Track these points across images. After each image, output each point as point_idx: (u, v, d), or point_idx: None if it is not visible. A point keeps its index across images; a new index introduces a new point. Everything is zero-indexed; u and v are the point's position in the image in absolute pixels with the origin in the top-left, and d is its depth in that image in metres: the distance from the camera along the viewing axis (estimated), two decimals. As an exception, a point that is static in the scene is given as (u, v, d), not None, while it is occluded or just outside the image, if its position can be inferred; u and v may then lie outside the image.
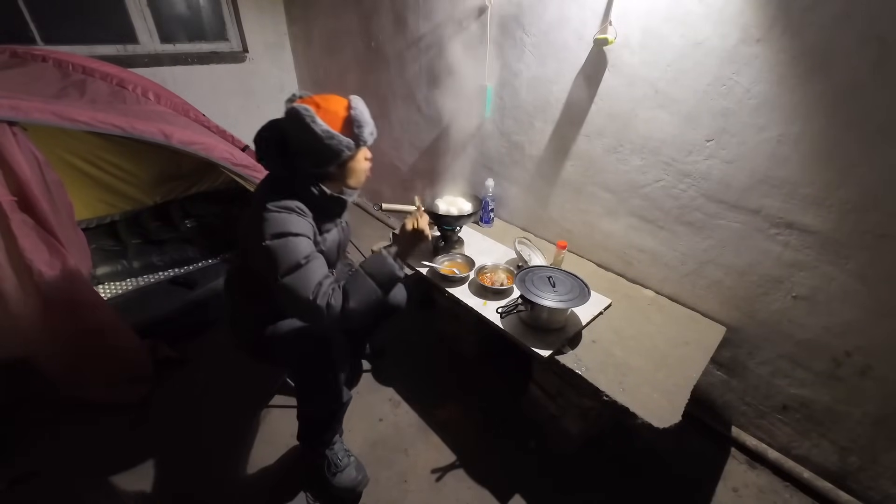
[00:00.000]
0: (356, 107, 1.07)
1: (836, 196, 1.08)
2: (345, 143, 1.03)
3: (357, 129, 1.06)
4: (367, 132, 1.08)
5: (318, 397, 1.26)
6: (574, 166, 1.67)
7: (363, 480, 1.34)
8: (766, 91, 1.11)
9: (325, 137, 1.00)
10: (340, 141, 1.03)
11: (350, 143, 1.05)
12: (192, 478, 1.39)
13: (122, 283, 2.10)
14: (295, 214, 1.06)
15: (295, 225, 1.04)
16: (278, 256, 1.00)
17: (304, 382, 1.26)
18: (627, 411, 1.09)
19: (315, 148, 1.02)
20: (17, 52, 1.77)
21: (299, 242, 1.03)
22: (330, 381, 1.22)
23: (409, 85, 2.30)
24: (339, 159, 1.07)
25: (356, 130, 1.06)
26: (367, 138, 1.09)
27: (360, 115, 1.06)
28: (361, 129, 1.07)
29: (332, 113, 1.04)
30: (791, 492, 1.38)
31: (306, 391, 1.27)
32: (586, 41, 1.43)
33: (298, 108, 1.01)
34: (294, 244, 1.02)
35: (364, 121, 1.07)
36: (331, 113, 1.04)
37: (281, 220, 1.02)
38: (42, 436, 1.50)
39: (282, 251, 1.00)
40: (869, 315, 1.13)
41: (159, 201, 2.62)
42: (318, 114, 1.01)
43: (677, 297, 1.53)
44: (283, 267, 0.99)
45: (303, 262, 1.01)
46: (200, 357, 1.82)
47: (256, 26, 3.00)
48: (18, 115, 1.29)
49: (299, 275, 1.00)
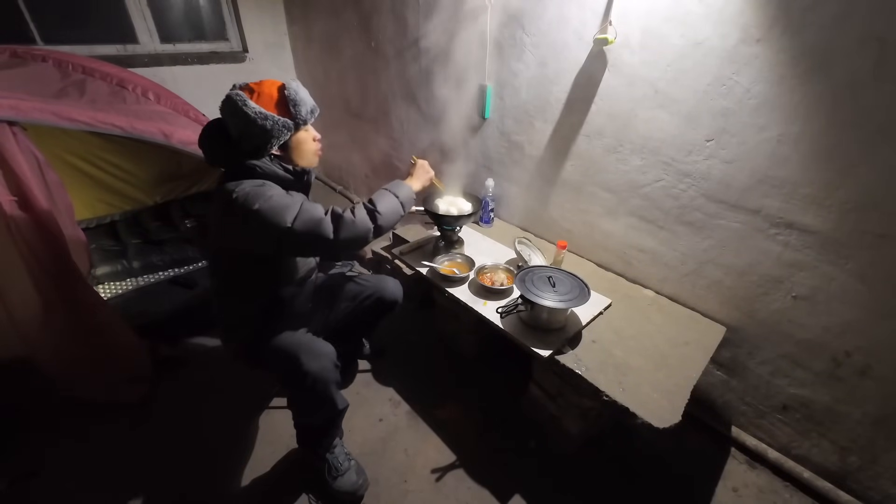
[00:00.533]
0: (290, 86, 1.07)
1: (836, 196, 1.08)
2: (280, 122, 1.04)
3: (293, 109, 1.06)
4: (305, 111, 1.08)
5: (310, 410, 1.24)
6: (574, 166, 1.67)
7: (363, 484, 1.33)
8: (766, 91, 1.11)
9: (258, 119, 1.01)
10: (276, 121, 1.03)
11: (287, 122, 1.05)
12: (192, 478, 1.39)
13: (122, 283, 2.10)
14: (267, 186, 1.06)
15: (273, 188, 1.06)
16: (275, 210, 1.00)
17: (295, 396, 1.24)
18: (627, 411, 1.09)
19: (252, 131, 1.03)
20: (17, 52, 1.77)
21: (285, 195, 1.05)
22: (319, 393, 1.18)
23: (409, 85, 2.30)
24: (279, 139, 1.07)
25: (292, 109, 1.06)
26: (304, 117, 1.09)
27: (295, 93, 1.06)
28: (297, 107, 1.07)
29: (265, 95, 1.04)
30: (791, 492, 1.38)
31: (298, 404, 1.25)
32: (586, 41, 1.43)
33: (230, 94, 1.03)
34: (282, 197, 1.04)
35: (299, 99, 1.07)
36: (264, 95, 1.04)
37: (258, 189, 1.03)
38: (42, 436, 1.50)
39: (276, 205, 1.01)
40: (869, 315, 1.13)
41: (159, 201, 2.62)
42: (252, 98, 1.02)
43: (677, 297, 1.53)
44: (288, 214, 1.01)
45: (304, 203, 1.04)
46: (200, 357, 1.82)
47: (256, 26, 3.00)
48: (18, 115, 1.30)
49: (305, 210, 1.03)
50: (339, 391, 1.26)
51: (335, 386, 1.21)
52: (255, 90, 1.05)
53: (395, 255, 1.77)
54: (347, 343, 1.77)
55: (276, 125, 1.04)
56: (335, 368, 1.20)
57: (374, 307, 1.55)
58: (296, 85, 1.09)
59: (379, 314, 1.60)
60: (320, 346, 1.21)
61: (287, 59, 3.28)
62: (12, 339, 1.40)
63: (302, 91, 1.09)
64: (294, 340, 1.20)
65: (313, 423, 1.29)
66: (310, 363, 1.13)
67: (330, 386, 1.19)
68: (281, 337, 1.21)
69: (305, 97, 1.09)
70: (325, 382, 1.17)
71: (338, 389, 1.24)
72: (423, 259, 1.65)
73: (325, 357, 1.18)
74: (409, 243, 1.81)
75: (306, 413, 1.27)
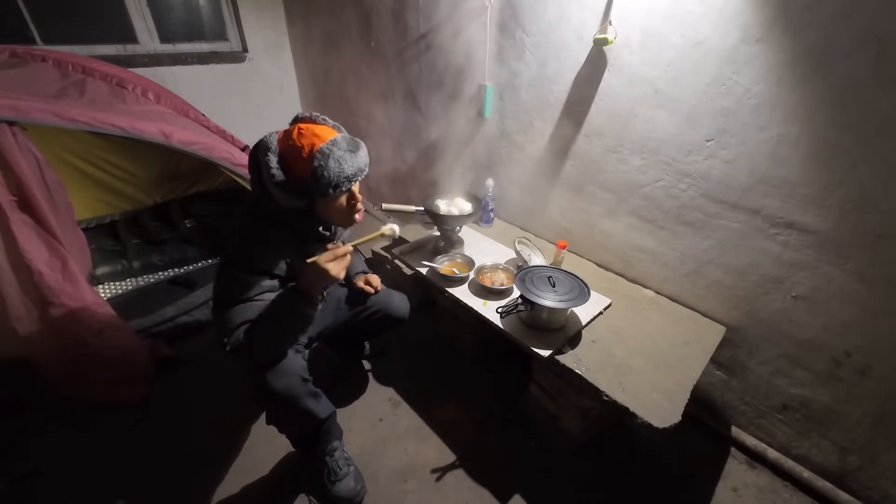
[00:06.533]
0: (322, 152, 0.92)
1: (836, 196, 1.08)
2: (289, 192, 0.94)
3: (314, 181, 0.93)
4: (327, 185, 0.94)
5: (286, 424, 1.23)
6: (574, 166, 1.67)
7: (361, 491, 1.30)
8: (765, 91, 1.11)
9: (273, 181, 0.93)
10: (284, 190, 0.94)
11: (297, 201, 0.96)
12: (192, 478, 1.39)
13: (122, 283, 2.10)
14: (267, 246, 1.03)
15: (258, 259, 1.02)
16: (223, 283, 1.02)
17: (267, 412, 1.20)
18: (627, 411, 1.09)
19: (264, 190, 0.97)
20: (17, 52, 1.77)
21: (249, 281, 1.01)
22: (290, 410, 1.12)
23: (409, 85, 2.30)
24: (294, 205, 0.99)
25: (314, 184, 0.93)
26: (324, 191, 0.95)
27: (322, 165, 0.92)
28: (319, 182, 0.93)
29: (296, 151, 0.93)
30: (791, 491, 1.38)
31: (273, 420, 1.21)
32: (586, 41, 1.43)
33: (263, 139, 0.95)
34: (244, 281, 1.00)
35: (323, 175, 0.92)
36: (295, 151, 0.93)
37: (247, 251, 1.02)
38: (42, 436, 1.50)
39: (229, 282, 1.01)
40: (869, 315, 1.13)
41: (159, 201, 2.62)
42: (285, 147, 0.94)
43: (677, 296, 1.53)
44: (222, 297, 1.01)
45: (237, 302, 1.00)
46: (200, 357, 1.82)
47: (256, 26, 3.00)
48: (18, 115, 1.30)
49: (229, 314, 1.00)
50: (321, 399, 1.21)
51: (309, 398, 1.15)
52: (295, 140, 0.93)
53: (395, 255, 1.77)
54: (349, 346, 1.78)
55: (284, 193, 0.95)
56: (303, 383, 1.13)
57: (380, 322, 1.51)
58: (330, 152, 0.92)
59: (384, 328, 1.56)
60: (287, 362, 1.09)
61: (287, 59, 3.28)
62: (12, 339, 1.40)
63: (334, 164, 0.93)
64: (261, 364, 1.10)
65: (297, 434, 1.28)
66: (274, 381, 1.06)
67: (301, 401, 1.12)
68: None
69: (335, 170, 0.93)
70: (294, 399, 1.11)
71: (317, 399, 1.19)
72: (423, 259, 1.65)
73: (290, 375, 1.09)
74: (409, 243, 1.81)
75: (284, 427, 1.25)
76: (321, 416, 1.21)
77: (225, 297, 1.01)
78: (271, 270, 1.03)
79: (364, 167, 1.02)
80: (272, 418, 1.21)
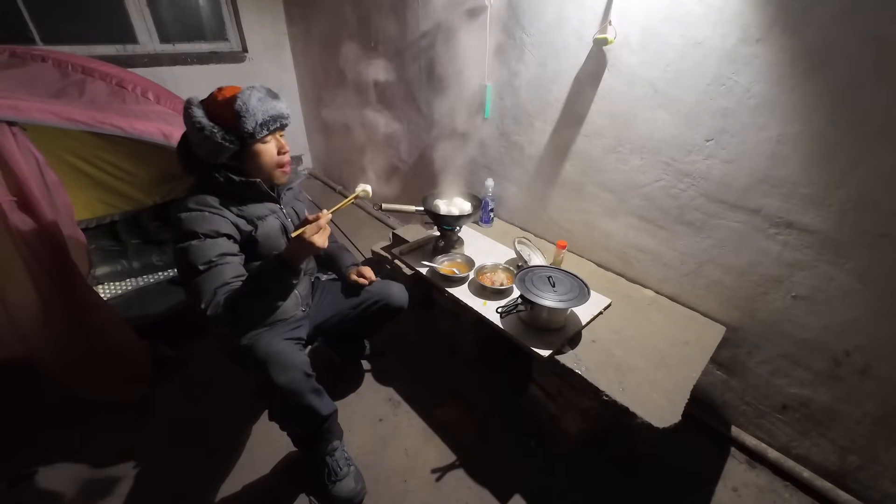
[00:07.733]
0: (243, 94, 0.99)
1: (836, 196, 1.08)
2: (219, 133, 0.98)
3: (239, 120, 0.98)
4: (252, 123, 1.00)
5: (289, 420, 1.23)
6: (574, 166, 1.67)
7: (361, 492, 1.30)
8: (765, 91, 1.11)
9: (198, 128, 0.97)
10: (214, 132, 0.98)
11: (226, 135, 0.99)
12: (192, 478, 1.39)
13: (122, 283, 2.10)
14: (206, 212, 1.03)
15: (204, 223, 1.02)
16: (182, 261, 1.01)
17: (271, 407, 1.20)
18: (627, 411, 1.09)
19: (195, 139, 1.00)
20: (17, 52, 1.77)
21: (202, 246, 1.01)
22: (293, 405, 1.13)
23: (409, 85, 2.30)
24: (224, 151, 1.01)
25: (238, 122, 0.99)
26: (251, 129, 1.00)
27: (244, 104, 0.98)
28: (243, 119, 0.98)
29: (221, 102, 0.98)
30: (791, 491, 1.38)
31: (276, 415, 1.22)
32: (586, 41, 1.43)
33: (189, 98, 0.99)
34: (197, 248, 1.00)
35: (248, 111, 0.99)
36: (220, 102, 0.99)
37: (190, 220, 1.01)
38: (42, 436, 1.50)
39: (186, 256, 1.00)
40: (868, 315, 1.13)
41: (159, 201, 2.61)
42: (209, 103, 0.99)
43: (677, 296, 1.53)
44: (187, 273, 1.00)
45: (202, 268, 0.99)
46: (200, 357, 1.82)
47: (256, 26, 3.00)
48: (18, 116, 1.29)
49: (199, 281, 0.99)
50: (323, 397, 1.21)
51: (312, 395, 1.16)
52: (216, 95, 1.00)
53: (395, 255, 1.77)
54: (350, 345, 1.77)
55: (215, 135, 0.98)
56: (307, 378, 1.14)
57: (379, 313, 1.49)
58: (250, 93, 1.00)
59: (384, 319, 1.55)
60: (290, 357, 1.12)
61: (287, 59, 3.28)
62: (12, 339, 1.40)
63: (255, 101, 1.00)
64: (265, 350, 1.11)
65: (299, 431, 1.27)
66: (278, 376, 1.07)
67: (304, 397, 1.13)
68: (258, 343, 1.12)
69: (258, 107, 1.00)
70: (297, 394, 1.11)
71: (320, 396, 1.19)
72: (423, 259, 1.65)
73: (294, 369, 1.11)
74: (409, 243, 1.81)
75: (286, 423, 1.24)
76: (324, 413, 1.21)
77: (189, 269, 1.00)
78: (220, 230, 1.04)
79: (286, 112, 1.08)
80: (275, 414, 1.21)
